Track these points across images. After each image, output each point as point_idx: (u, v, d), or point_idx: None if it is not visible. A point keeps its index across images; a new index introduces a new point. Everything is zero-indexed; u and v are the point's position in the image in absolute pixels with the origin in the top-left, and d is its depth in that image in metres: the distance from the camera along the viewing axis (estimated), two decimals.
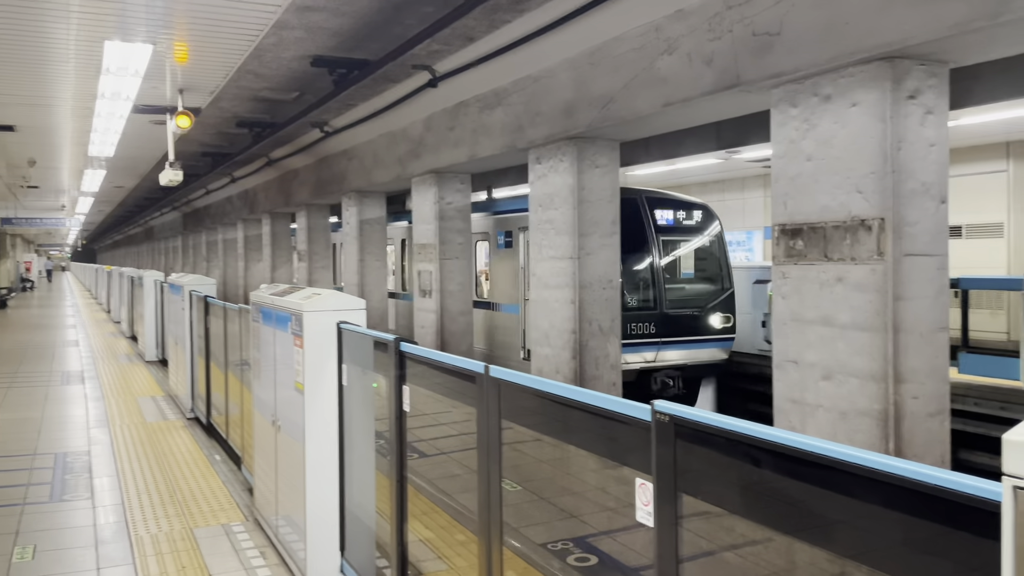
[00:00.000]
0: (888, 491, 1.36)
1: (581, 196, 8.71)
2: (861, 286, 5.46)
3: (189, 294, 9.92)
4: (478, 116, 10.36)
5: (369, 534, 4.50)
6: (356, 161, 14.78)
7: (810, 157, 5.80)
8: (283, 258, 21.53)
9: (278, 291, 5.28)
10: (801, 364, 5.91)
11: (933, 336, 5.45)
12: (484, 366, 2.83)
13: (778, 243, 6.10)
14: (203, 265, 30.41)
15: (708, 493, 1.91)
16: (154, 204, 32.81)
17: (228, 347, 7.84)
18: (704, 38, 6.68)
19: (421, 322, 12.46)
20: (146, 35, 8.48)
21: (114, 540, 5.55)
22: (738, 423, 1.69)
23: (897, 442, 5.38)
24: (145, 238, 51.20)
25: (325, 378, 4.51)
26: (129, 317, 19.90)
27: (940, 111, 5.47)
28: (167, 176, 12.37)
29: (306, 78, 10.73)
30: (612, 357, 8.98)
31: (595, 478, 5.82)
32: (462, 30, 8.70)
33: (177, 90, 11.07)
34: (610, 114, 7.87)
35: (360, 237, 15.13)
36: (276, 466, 5.22)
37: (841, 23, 5.43)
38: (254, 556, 5.21)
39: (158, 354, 15.09)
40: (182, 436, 8.76)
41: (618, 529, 4.88)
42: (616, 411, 2.04)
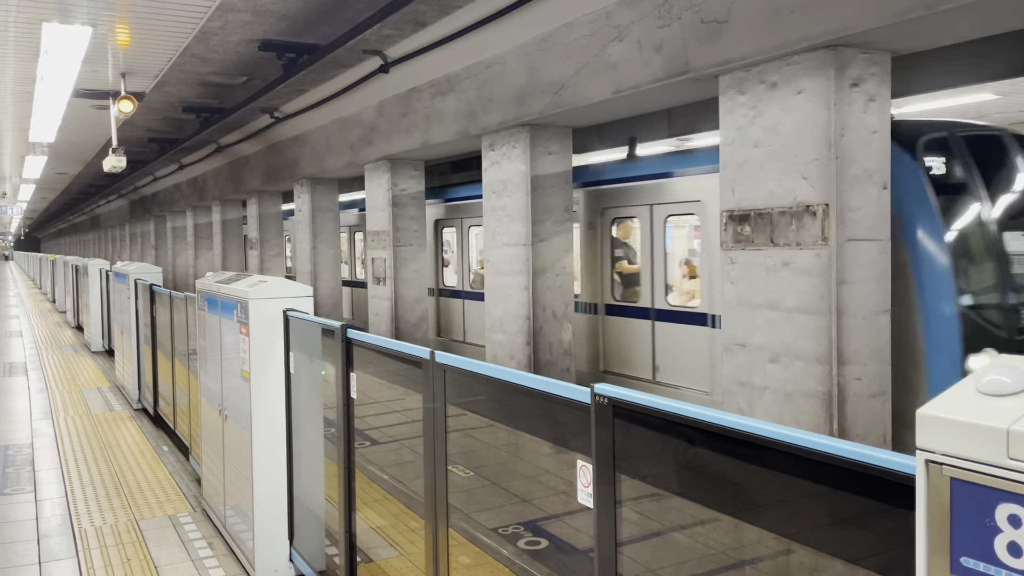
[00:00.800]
0: (821, 468, 1.38)
1: (534, 183, 8.72)
2: (806, 270, 5.56)
3: (135, 283, 9.70)
4: (431, 102, 10.28)
5: (319, 523, 4.47)
6: (308, 147, 14.57)
7: (757, 144, 5.87)
8: (234, 246, 21.17)
9: (224, 279, 5.19)
10: (749, 347, 6.01)
11: (875, 319, 5.58)
12: (430, 352, 2.82)
13: (726, 229, 6.18)
14: (151, 253, 29.76)
15: (646, 474, 1.93)
16: (100, 191, 31.98)
17: (175, 336, 7.69)
18: (654, 25, 6.71)
19: (376, 310, 12.37)
20: (86, 17, 8.23)
21: (57, 533, 5.42)
22: (674, 404, 1.70)
23: (841, 422, 5.51)
24: (91, 226, 49.89)
25: (272, 366, 4.46)
26: (74, 307, 19.41)
27: (882, 98, 5.58)
28: (110, 162, 12.05)
29: (254, 62, 10.53)
30: (566, 343, 9.03)
31: (547, 462, 5.85)
32: (413, 15, 8.61)
33: (119, 74, 10.77)
34: (562, 100, 7.87)
35: (313, 224, 14.95)
36: (224, 455, 5.15)
37: (786, 11, 5.50)
38: (201, 547, 5.14)
39: (104, 344, 14.75)
40: (129, 427, 8.58)
41: (567, 512, 4.92)
42: (557, 394, 2.05)
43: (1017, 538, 1.02)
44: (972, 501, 1.05)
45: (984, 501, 1.04)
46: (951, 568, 1.08)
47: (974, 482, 1.05)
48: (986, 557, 1.05)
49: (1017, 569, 1.02)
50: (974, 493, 1.05)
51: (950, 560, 1.08)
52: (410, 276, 11.98)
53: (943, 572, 1.09)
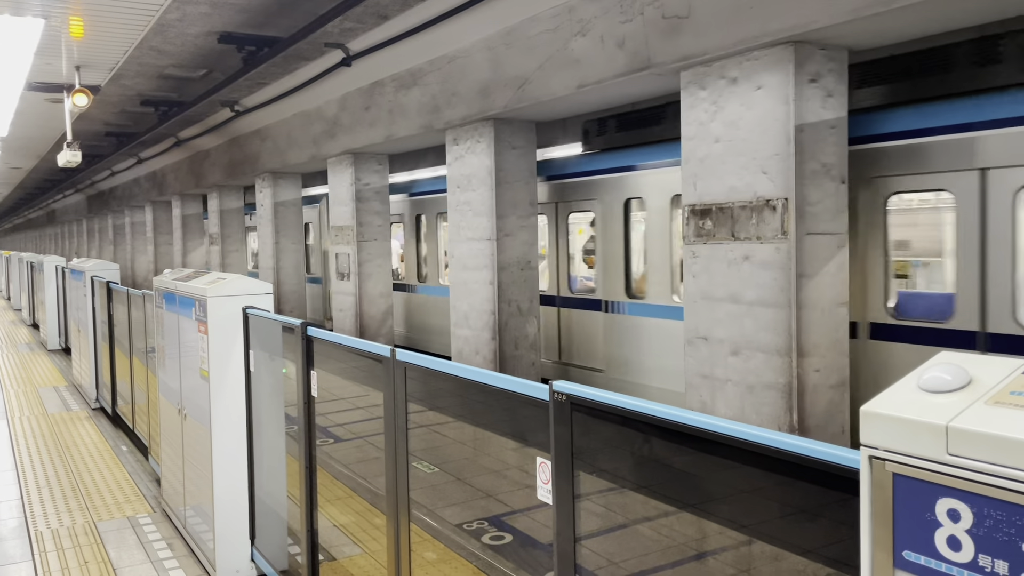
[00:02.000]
0: (771, 463, 1.40)
1: (499, 177, 8.70)
2: (766, 264, 5.63)
3: (91, 280, 9.51)
4: (394, 96, 10.21)
5: (280, 522, 4.42)
6: (270, 142, 14.39)
7: (718, 139, 5.93)
8: (195, 242, 20.85)
9: (182, 276, 5.10)
10: (711, 340, 6.07)
11: (834, 311, 5.67)
12: (390, 349, 2.80)
13: (688, 223, 6.23)
14: (109, 249, 29.19)
15: (605, 469, 1.94)
16: (55, 186, 31.28)
17: (133, 334, 7.55)
18: (616, 20, 6.73)
19: (339, 305, 12.28)
20: (38, 9, 8.02)
21: (12, 536, 5.30)
22: (630, 401, 1.71)
23: (800, 413, 5.59)
24: (47, 221, 48.77)
25: (231, 364, 4.40)
26: (30, 304, 18.97)
27: (839, 94, 5.67)
28: (65, 157, 11.78)
29: (214, 55, 10.36)
30: (531, 337, 9.04)
31: (511, 458, 5.86)
32: (375, 7, 8.54)
33: (74, 67, 10.52)
34: (526, 95, 7.87)
35: (275, 219, 14.78)
36: (183, 455, 5.07)
37: (747, 7, 5.55)
38: (161, 548, 5.06)
39: (61, 342, 14.45)
40: (86, 427, 8.42)
41: (531, 507, 4.93)
42: (517, 391, 2.05)
43: (956, 532, 1.04)
44: (914, 496, 1.07)
45: (925, 496, 1.06)
46: (894, 562, 1.10)
47: (915, 477, 1.07)
48: (927, 551, 1.07)
49: (956, 562, 1.04)
50: (915, 488, 1.07)
51: (893, 554, 1.10)
52: (374, 271, 11.90)
53: (886, 565, 1.11)
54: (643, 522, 2.30)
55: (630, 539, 2.64)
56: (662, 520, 2.14)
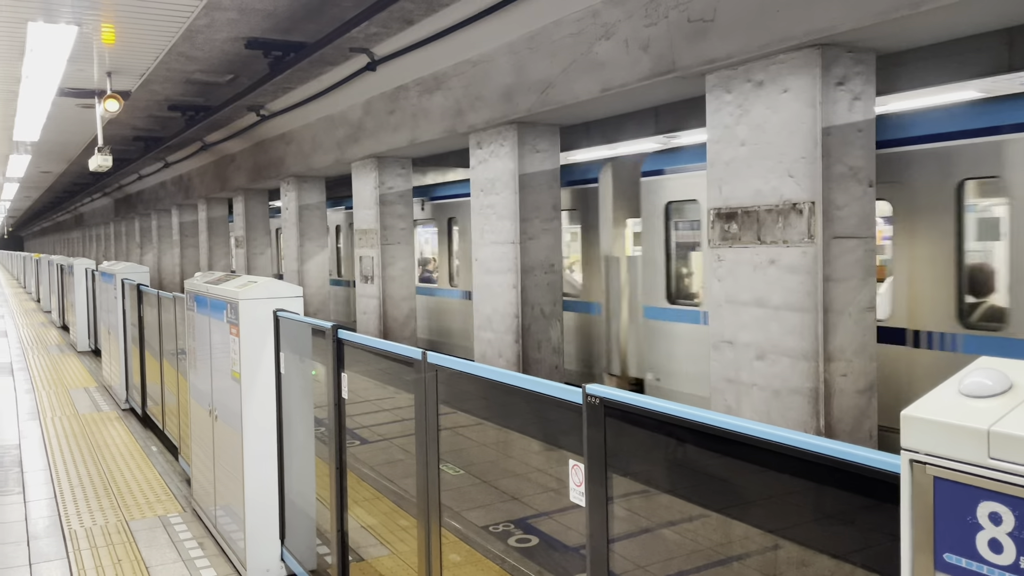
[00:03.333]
0: (808, 467, 1.41)
1: (522, 181, 8.73)
2: (793, 268, 5.61)
3: (121, 282, 9.66)
4: (418, 100, 10.28)
5: (309, 522, 4.48)
6: (294, 145, 14.53)
7: (744, 142, 5.92)
8: (220, 245, 21.08)
9: (213, 279, 5.18)
10: (736, 344, 6.05)
11: (861, 316, 5.64)
12: (422, 352, 2.83)
13: (713, 227, 6.22)
14: (136, 252, 29.57)
15: (638, 472, 1.96)
16: (84, 190, 31.74)
17: (163, 336, 7.67)
18: (641, 24, 6.74)
19: (363, 308, 12.36)
20: (71, 16, 8.17)
21: (47, 535, 5.40)
22: (665, 404, 1.73)
23: (827, 418, 5.56)
24: (75, 225, 49.49)
25: (262, 366, 4.46)
26: (59, 306, 19.28)
27: (867, 97, 5.64)
28: (96, 161, 11.97)
29: (240, 60, 10.49)
30: (554, 340, 9.06)
31: (536, 460, 5.89)
32: (400, 12, 8.61)
33: (105, 73, 10.70)
34: (549, 99, 7.89)
35: (300, 223, 14.91)
36: (214, 456, 5.14)
37: (773, 10, 5.54)
38: (192, 547, 5.14)
39: (90, 344, 14.66)
40: (117, 427, 8.55)
41: (557, 510, 4.95)
42: (550, 394, 2.07)
43: (998, 535, 1.05)
44: (955, 499, 1.09)
45: (966, 499, 1.07)
46: (935, 564, 1.12)
47: (957, 481, 1.08)
48: (968, 553, 1.08)
49: (998, 565, 1.06)
50: (957, 492, 1.08)
51: (934, 556, 1.12)
52: (398, 274, 11.97)
53: (927, 568, 1.12)
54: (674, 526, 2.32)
55: (659, 542, 2.66)
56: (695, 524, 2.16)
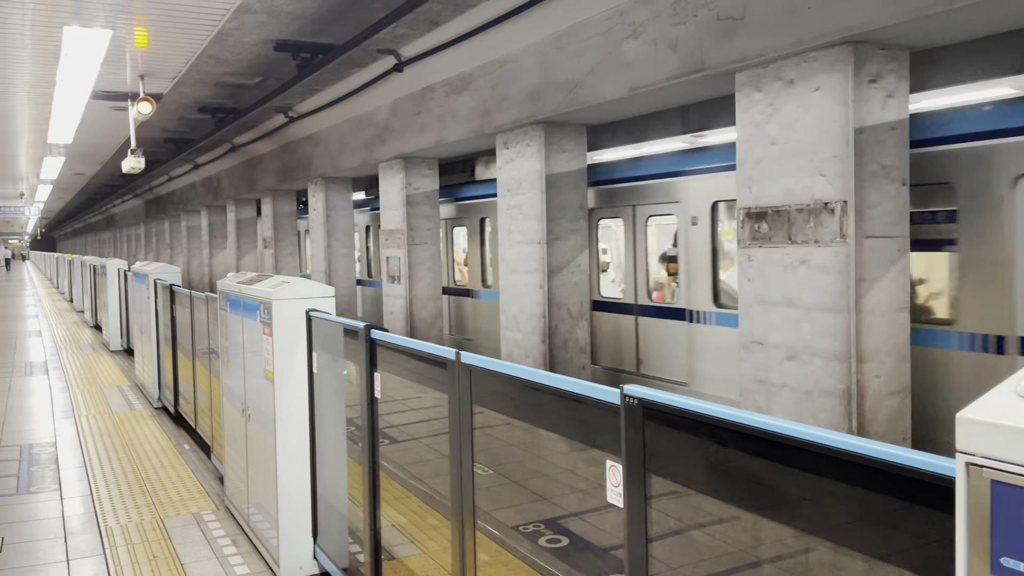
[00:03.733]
0: (852, 469, 1.40)
1: (549, 181, 8.74)
2: (824, 268, 5.56)
3: (154, 283, 9.79)
4: (444, 101, 10.31)
5: (341, 520, 4.51)
6: (322, 146, 14.64)
7: (774, 141, 5.87)
8: (248, 245, 21.30)
9: (246, 279, 5.24)
10: (767, 345, 6.01)
11: (894, 316, 5.57)
12: (456, 352, 2.85)
13: (743, 226, 6.18)
14: (166, 252, 29.97)
15: (677, 473, 1.96)
16: (115, 191, 32.22)
17: (195, 336, 7.76)
18: (669, 23, 6.71)
19: (390, 308, 12.43)
20: (105, 20, 8.31)
21: (83, 531, 5.50)
22: (705, 405, 1.73)
23: (860, 420, 5.50)
24: (106, 225, 50.26)
25: (295, 366, 4.50)
26: (92, 306, 19.58)
27: (900, 95, 5.57)
28: (129, 163, 12.16)
29: (269, 62, 10.59)
30: (581, 340, 9.05)
31: (564, 460, 5.88)
32: (427, 14, 8.64)
33: (138, 76, 10.86)
34: (576, 99, 7.89)
35: (327, 223, 15.02)
36: (247, 454, 5.20)
37: (804, 7, 5.50)
38: (226, 544, 5.20)
39: (123, 343, 14.88)
40: (150, 426, 8.68)
41: (587, 510, 4.95)
42: (587, 395, 2.08)
43: None
44: (1013, 502, 1.07)
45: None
46: (991, 568, 1.10)
47: (1015, 484, 1.07)
48: None
49: None
50: (1015, 494, 1.07)
51: (990, 560, 1.10)
52: (424, 274, 12.03)
53: (983, 572, 1.11)
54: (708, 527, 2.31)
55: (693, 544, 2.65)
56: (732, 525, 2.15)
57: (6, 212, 34.11)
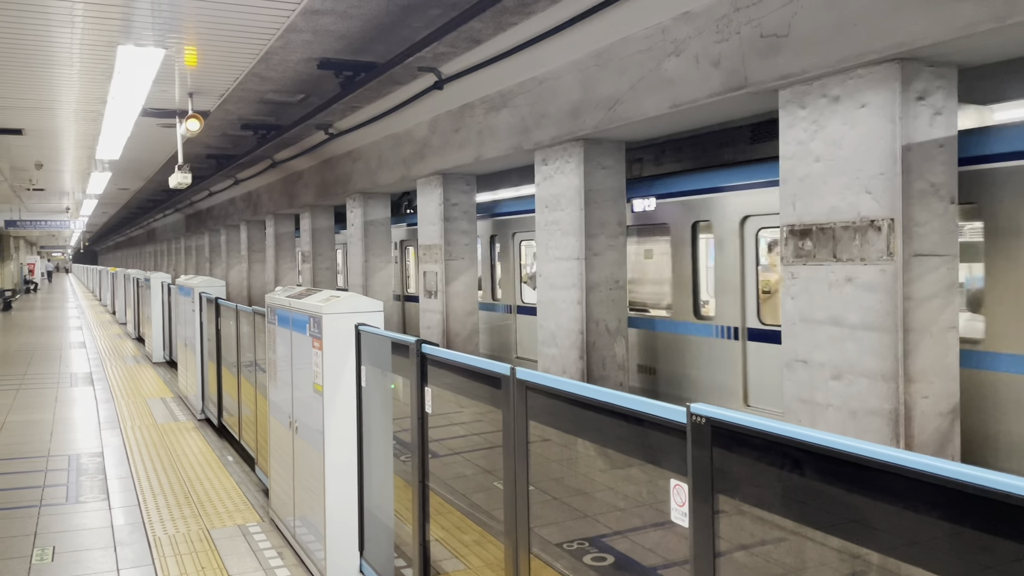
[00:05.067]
0: (930, 491, 1.39)
1: (588, 197, 8.76)
2: (871, 286, 5.50)
3: (199, 296, 9.97)
4: (484, 118, 10.40)
5: (388, 534, 4.55)
6: (361, 163, 14.82)
7: (819, 158, 5.84)
8: (287, 259, 21.58)
9: (295, 293, 5.33)
10: (811, 364, 5.95)
11: (943, 336, 5.49)
12: (511, 368, 2.87)
13: (787, 243, 6.15)
14: (206, 266, 30.46)
15: (745, 493, 1.96)
16: (157, 206, 32.87)
17: (240, 349, 7.88)
18: (711, 40, 6.73)
19: (427, 323, 12.51)
20: (156, 39, 8.53)
21: (132, 541, 5.59)
22: (774, 424, 1.73)
23: (908, 441, 5.42)
24: (147, 239, 51.23)
25: (344, 379, 4.56)
26: (135, 318, 19.95)
27: (948, 112, 5.52)
28: (176, 179, 12.42)
29: (312, 80, 10.78)
30: (619, 357, 9.03)
31: (605, 478, 5.86)
32: (468, 32, 8.75)
33: (187, 93, 11.11)
34: (617, 115, 7.92)
35: (365, 238, 15.18)
36: (293, 467, 5.27)
37: (850, 25, 5.48)
38: (272, 556, 5.26)
39: (165, 355, 15.14)
40: (194, 437, 8.81)
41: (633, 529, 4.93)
42: (651, 413, 2.09)
43: None
44: None
45: None
46: None
47: None
48: None
49: None
50: None
51: None
52: (461, 289, 12.09)
53: None
54: (771, 544, 2.30)
55: (755, 561, 2.64)
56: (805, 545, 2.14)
57: (51, 226, 34.96)
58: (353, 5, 7.86)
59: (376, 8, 7.98)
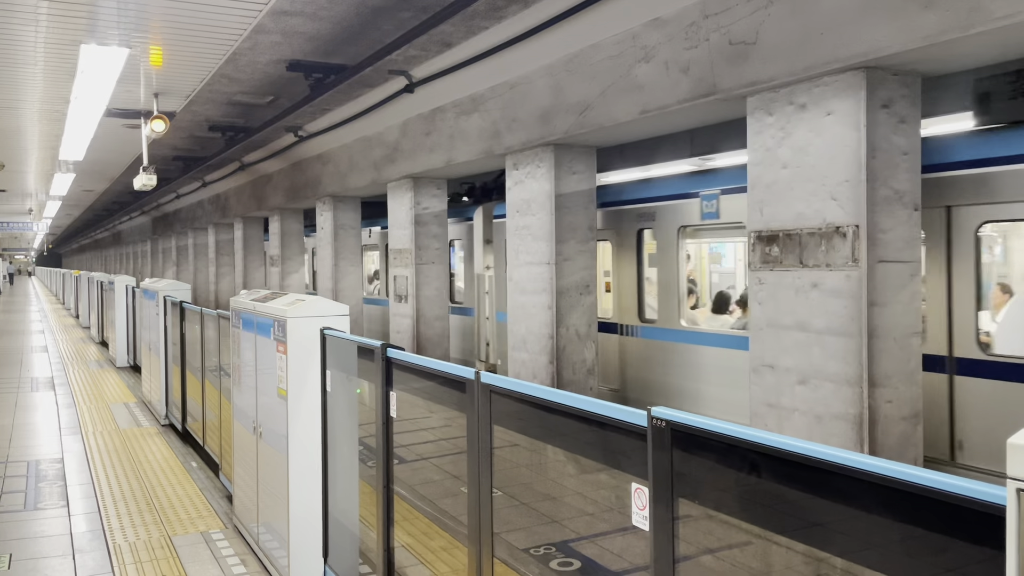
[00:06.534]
0: (886, 495, 1.40)
1: (558, 202, 8.76)
2: (836, 292, 5.56)
3: (163, 299, 9.82)
4: (455, 122, 10.38)
5: (353, 540, 4.49)
6: (331, 166, 14.72)
7: (786, 165, 5.90)
8: (255, 263, 21.35)
9: (259, 297, 5.25)
10: (777, 369, 6.00)
11: (906, 341, 5.56)
12: (475, 372, 2.85)
13: (754, 249, 6.19)
14: (172, 270, 30.05)
15: (705, 497, 1.95)
16: (123, 208, 32.38)
17: (204, 353, 7.76)
18: (681, 46, 6.77)
19: (397, 327, 12.43)
20: (121, 39, 8.39)
21: (91, 548, 5.47)
22: (734, 428, 1.73)
23: (872, 445, 5.48)
24: (113, 242, 50.43)
25: (308, 384, 4.50)
26: (99, 322, 19.61)
27: (912, 120, 5.60)
28: (141, 180, 12.23)
29: (281, 82, 10.68)
30: (589, 362, 9.04)
31: (573, 483, 5.84)
32: (439, 36, 8.72)
33: (152, 94, 10.95)
34: (587, 121, 7.93)
35: (335, 242, 15.07)
36: (257, 473, 5.19)
37: (816, 33, 5.54)
38: (235, 564, 5.17)
39: (129, 360, 14.89)
40: (157, 443, 8.66)
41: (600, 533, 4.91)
42: (612, 417, 2.08)
43: None
44: None
45: None
46: None
47: None
48: None
49: None
50: None
51: None
52: (432, 294, 12.04)
53: None
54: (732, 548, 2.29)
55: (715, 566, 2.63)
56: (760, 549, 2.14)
57: (14, 228, 34.28)
58: (323, 7, 7.80)
59: (346, 10, 7.93)
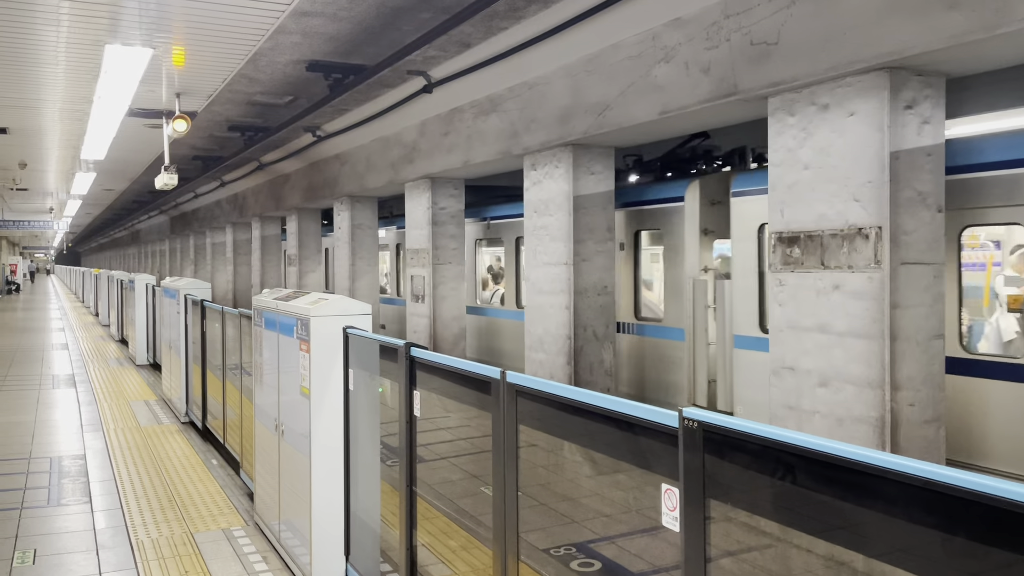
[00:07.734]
0: (927, 497, 1.39)
1: (576, 203, 8.76)
2: (858, 294, 5.53)
3: (185, 298, 9.89)
4: (473, 122, 10.39)
5: (374, 539, 4.52)
6: (349, 166, 14.78)
7: (807, 166, 5.87)
8: (272, 262, 21.46)
9: (282, 296, 5.29)
10: (798, 371, 5.97)
11: (929, 344, 5.52)
12: (501, 372, 2.86)
13: (775, 251, 6.17)
14: (190, 268, 30.26)
15: (738, 498, 1.95)
16: (142, 207, 32.64)
17: (225, 351, 7.82)
18: (701, 47, 6.75)
19: (413, 327, 12.47)
20: (144, 39, 8.47)
21: (114, 545, 5.53)
22: (768, 429, 1.73)
23: (893, 448, 5.44)
24: (131, 241, 50.86)
25: (331, 383, 4.53)
26: (119, 320, 19.78)
27: (936, 121, 5.56)
28: (162, 180, 12.32)
29: (300, 82, 10.74)
30: (607, 363, 9.03)
31: (594, 483, 5.84)
32: (459, 36, 8.74)
33: (174, 94, 11.04)
34: (606, 121, 7.93)
35: (352, 241, 15.13)
36: (279, 471, 5.22)
37: (839, 33, 5.51)
38: (256, 561, 5.21)
39: (149, 358, 15.01)
40: (177, 440, 8.73)
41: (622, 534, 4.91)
42: (642, 417, 2.08)
43: None
44: None
45: None
46: None
47: None
48: None
49: None
50: None
51: None
52: (448, 294, 12.07)
53: None
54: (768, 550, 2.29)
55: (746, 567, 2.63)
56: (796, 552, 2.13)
57: (35, 226, 34.64)
58: (343, 7, 7.84)
59: (366, 11, 7.96)
